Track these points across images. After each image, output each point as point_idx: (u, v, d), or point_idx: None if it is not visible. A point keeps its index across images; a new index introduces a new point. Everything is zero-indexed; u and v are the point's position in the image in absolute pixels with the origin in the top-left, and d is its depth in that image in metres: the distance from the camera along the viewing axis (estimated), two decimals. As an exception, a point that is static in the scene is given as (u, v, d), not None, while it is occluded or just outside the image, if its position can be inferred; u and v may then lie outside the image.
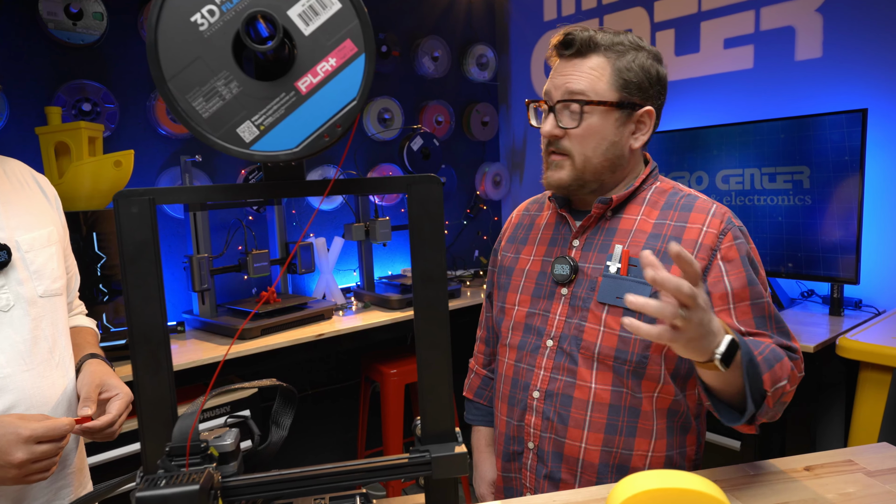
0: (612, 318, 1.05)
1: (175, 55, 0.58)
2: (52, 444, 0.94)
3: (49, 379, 1.05)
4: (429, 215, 0.70)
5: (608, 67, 1.04)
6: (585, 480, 1.07)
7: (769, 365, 0.92)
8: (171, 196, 0.67)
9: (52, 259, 1.09)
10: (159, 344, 0.67)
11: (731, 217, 1.06)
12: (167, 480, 0.61)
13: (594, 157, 1.06)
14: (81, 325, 1.24)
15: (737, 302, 1.01)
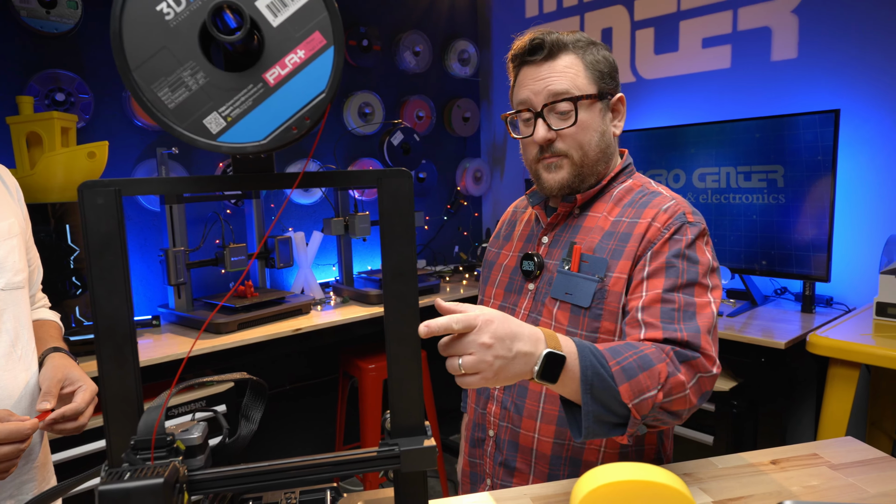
0: (562, 313, 1.06)
1: (140, 45, 0.57)
2: (15, 445, 0.93)
3: (11, 373, 1.03)
4: (399, 210, 0.70)
5: (580, 63, 1.06)
6: (539, 471, 1.08)
7: (629, 375, 0.86)
8: (138, 187, 0.66)
9: (14, 252, 1.07)
10: (125, 337, 0.66)
11: (687, 214, 1.03)
12: (131, 474, 0.61)
13: (590, 150, 1.08)
14: (44, 318, 1.23)
15: (649, 288, 0.98)
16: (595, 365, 0.85)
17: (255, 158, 0.67)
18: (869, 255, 2.13)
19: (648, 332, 0.94)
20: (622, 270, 1.02)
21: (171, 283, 2.23)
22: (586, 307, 1.02)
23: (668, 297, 0.96)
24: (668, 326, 0.94)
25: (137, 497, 0.58)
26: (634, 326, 0.97)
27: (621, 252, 1.03)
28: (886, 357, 1.62)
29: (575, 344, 0.87)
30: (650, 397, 0.86)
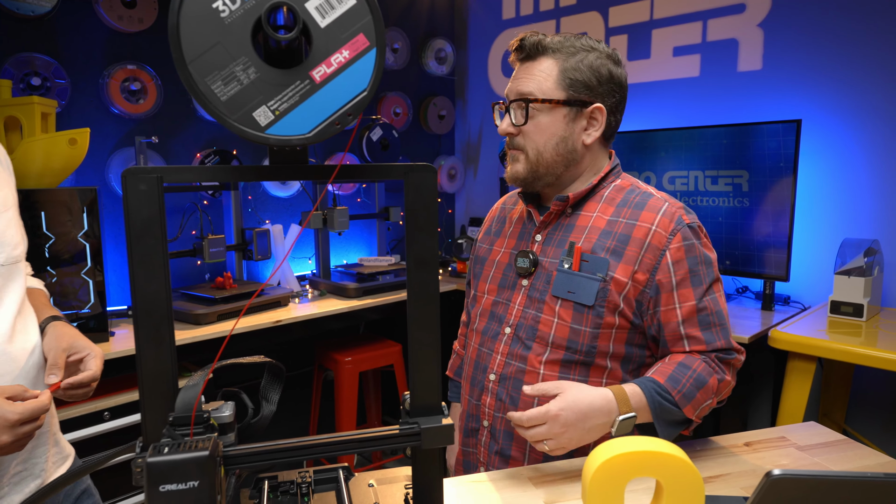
0: (565, 310, 1.11)
1: (196, 40, 0.60)
2: (34, 423, 0.95)
3: (17, 344, 1.04)
4: (424, 202, 0.74)
5: (555, 68, 1.11)
6: (533, 458, 1.14)
7: (689, 398, 1.04)
8: (179, 175, 0.69)
9: (11, 225, 1.07)
10: (162, 318, 0.69)
11: (683, 215, 1.11)
12: (170, 448, 0.64)
13: (545, 151, 1.13)
14: (32, 286, 1.22)
15: (682, 302, 1.08)
16: (661, 402, 1.03)
17: (291, 150, 0.70)
18: (824, 257, 2.28)
19: (692, 345, 1.09)
20: (624, 272, 1.08)
21: (149, 273, 2.21)
22: (590, 305, 1.09)
23: (701, 306, 1.09)
24: (709, 337, 1.09)
25: (184, 468, 0.61)
26: (678, 340, 1.09)
27: (621, 253, 1.09)
28: (840, 351, 1.74)
29: (641, 390, 1.02)
30: (707, 406, 1.08)
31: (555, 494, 0.97)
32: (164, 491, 0.61)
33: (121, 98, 2.35)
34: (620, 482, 0.65)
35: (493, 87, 3.47)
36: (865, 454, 1.09)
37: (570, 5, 3.07)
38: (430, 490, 0.79)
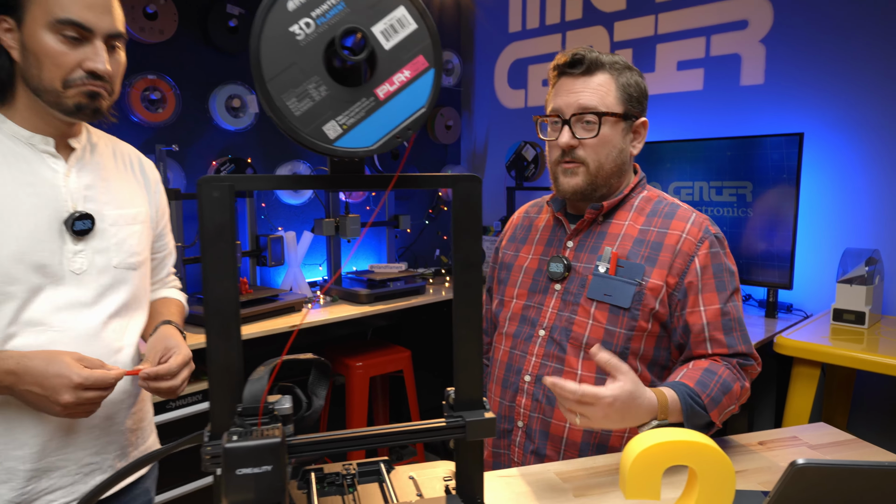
0: (600, 312, 1.18)
1: (274, 60, 0.66)
2: (98, 392, 1.01)
3: (105, 342, 1.11)
4: (469, 210, 0.80)
5: (613, 83, 1.18)
6: (568, 456, 1.19)
7: (716, 402, 1.10)
8: (249, 183, 0.74)
9: (134, 236, 1.17)
10: (231, 316, 0.74)
11: (709, 225, 1.19)
12: (240, 436, 0.69)
13: (606, 163, 1.19)
14: (170, 296, 1.34)
15: (707, 305, 1.15)
16: (692, 405, 1.07)
17: (350, 161, 0.76)
18: (826, 266, 2.34)
19: (715, 347, 1.15)
20: (658, 277, 1.16)
21: (168, 278, 2.26)
22: (626, 308, 1.15)
23: (725, 310, 1.15)
24: (731, 341, 1.15)
25: (259, 453, 0.67)
26: (702, 343, 1.15)
27: (655, 259, 1.17)
28: (844, 357, 1.80)
29: (678, 395, 1.06)
30: (729, 410, 1.14)
31: (582, 489, 1.02)
32: (240, 474, 0.66)
33: (141, 107, 2.41)
34: (658, 469, 0.71)
35: (500, 98, 3.54)
36: (874, 453, 1.15)
37: (575, 20, 3.14)
38: (472, 480, 0.84)
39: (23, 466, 1.05)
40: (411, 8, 0.69)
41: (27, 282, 1.03)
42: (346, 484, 0.92)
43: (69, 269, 1.08)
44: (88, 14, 1.01)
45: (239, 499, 0.66)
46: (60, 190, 1.08)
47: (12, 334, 1.03)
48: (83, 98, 1.03)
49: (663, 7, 2.79)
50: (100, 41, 1.04)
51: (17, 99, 1.06)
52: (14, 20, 1.01)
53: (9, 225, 1.01)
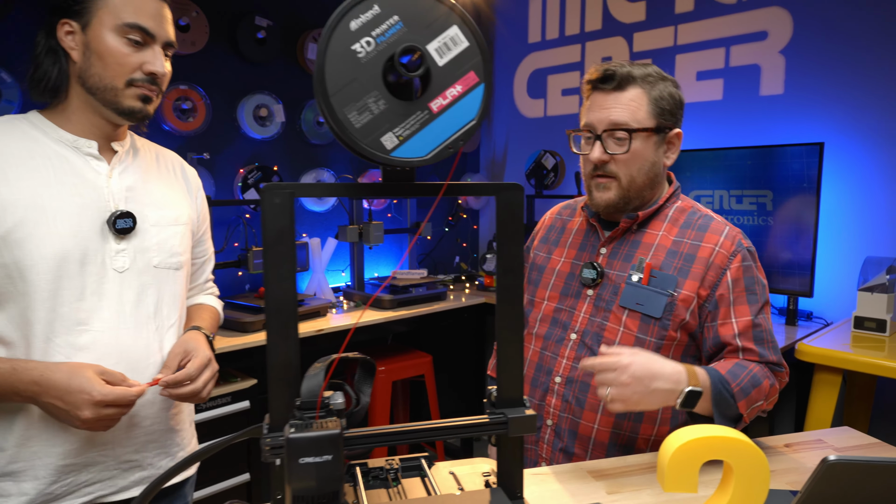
0: (631, 320, 1.21)
1: (337, 76, 0.71)
2: (118, 409, 1.04)
3: (143, 341, 1.15)
4: (512, 217, 0.84)
5: (645, 98, 1.19)
6: (595, 456, 1.23)
7: (745, 393, 1.12)
8: (308, 191, 0.79)
9: (175, 237, 1.21)
10: (290, 315, 0.79)
11: (742, 239, 1.21)
12: (299, 428, 0.73)
13: (638, 177, 1.22)
14: (206, 303, 1.38)
15: (738, 317, 1.18)
16: (722, 391, 1.10)
17: (402, 170, 0.81)
18: (846, 275, 2.36)
19: (746, 356, 1.18)
20: (690, 289, 1.18)
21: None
22: (658, 317, 1.18)
23: (756, 322, 1.18)
24: (763, 351, 1.18)
25: (320, 443, 0.71)
26: (734, 352, 1.18)
27: (688, 271, 1.19)
28: (866, 364, 1.82)
29: (708, 375, 1.09)
30: (757, 406, 1.16)
31: (615, 486, 1.06)
32: (303, 463, 0.70)
33: (172, 116, 2.48)
34: (695, 464, 0.74)
35: (519, 107, 3.59)
36: (899, 455, 1.17)
37: (595, 30, 3.19)
38: (513, 475, 0.88)
39: (61, 462, 1.09)
40: (464, 27, 0.74)
41: (72, 280, 1.07)
42: (390, 478, 0.96)
43: (112, 268, 1.11)
44: (152, 21, 1.10)
45: (301, 486, 0.70)
46: (103, 190, 1.12)
47: (54, 333, 1.06)
48: (137, 101, 1.11)
49: (683, 18, 2.83)
50: (159, 47, 1.12)
51: (69, 100, 1.11)
52: (78, 23, 1.08)
53: (55, 224, 1.06)
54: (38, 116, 1.13)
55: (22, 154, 1.07)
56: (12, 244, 1.03)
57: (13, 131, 1.09)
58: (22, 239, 1.03)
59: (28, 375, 1.01)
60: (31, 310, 1.05)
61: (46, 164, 1.09)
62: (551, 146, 3.34)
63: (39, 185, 1.06)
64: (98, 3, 1.07)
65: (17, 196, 1.04)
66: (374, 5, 0.71)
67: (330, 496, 0.72)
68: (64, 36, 1.09)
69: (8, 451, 1.07)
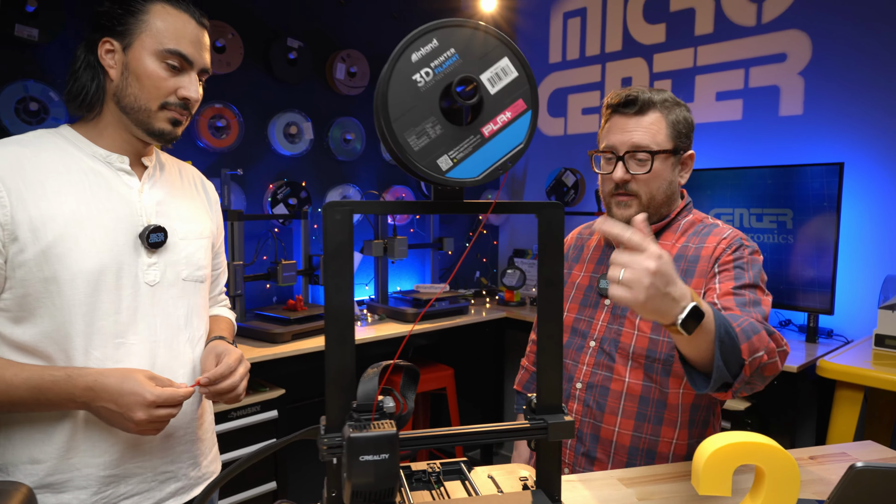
0: (644, 323, 1.28)
1: (399, 103, 0.77)
2: (169, 409, 1.06)
3: (175, 352, 1.18)
4: (553, 233, 0.90)
5: (663, 122, 1.27)
6: (617, 460, 1.28)
7: (747, 336, 1.02)
8: (365, 208, 0.85)
9: (201, 250, 1.25)
10: (347, 323, 0.84)
11: (742, 238, 1.28)
12: (356, 429, 0.79)
13: (658, 195, 1.29)
14: (221, 314, 1.41)
15: (721, 285, 1.19)
16: (725, 325, 0.99)
17: (452, 190, 0.87)
18: (867, 293, 2.38)
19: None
20: (696, 287, 1.25)
21: (231, 293, 2.39)
22: None
23: (737, 292, 1.17)
24: (745, 311, 1.13)
25: (379, 443, 0.76)
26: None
27: (693, 271, 1.26)
28: (887, 381, 1.85)
29: (709, 306, 0.98)
30: (758, 357, 1.02)
31: (645, 493, 1.10)
32: (363, 460, 0.76)
33: (208, 133, 2.57)
34: (729, 468, 0.79)
35: (539, 126, 3.66)
36: (923, 469, 1.20)
37: (615, 51, 3.26)
38: (551, 479, 0.93)
39: (102, 472, 1.11)
40: (514, 59, 0.80)
41: (109, 293, 1.10)
42: (433, 480, 1.01)
43: (144, 281, 1.14)
44: (191, 48, 1.13)
45: (360, 482, 0.76)
46: (135, 205, 1.15)
47: (92, 346, 1.09)
48: (167, 124, 1.14)
49: (702, 40, 2.89)
50: (195, 73, 1.15)
51: (103, 116, 1.14)
52: (120, 43, 1.10)
53: (92, 239, 1.08)
54: (71, 131, 1.15)
55: (59, 168, 1.09)
56: (53, 258, 1.05)
57: (49, 146, 1.11)
58: (62, 253, 1.05)
59: (83, 381, 1.03)
60: (70, 324, 1.07)
61: (82, 179, 1.10)
62: (571, 164, 3.40)
63: (77, 200, 1.08)
64: (141, 25, 1.10)
65: (56, 211, 1.06)
66: (433, 39, 0.78)
67: (386, 492, 0.77)
68: (104, 54, 1.11)
69: (48, 463, 1.09)
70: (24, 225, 1.03)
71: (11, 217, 1.03)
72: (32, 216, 1.04)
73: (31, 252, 1.04)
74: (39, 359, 1.07)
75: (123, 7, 1.10)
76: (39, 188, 1.06)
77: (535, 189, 3.71)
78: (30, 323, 1.06)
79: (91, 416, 1.10)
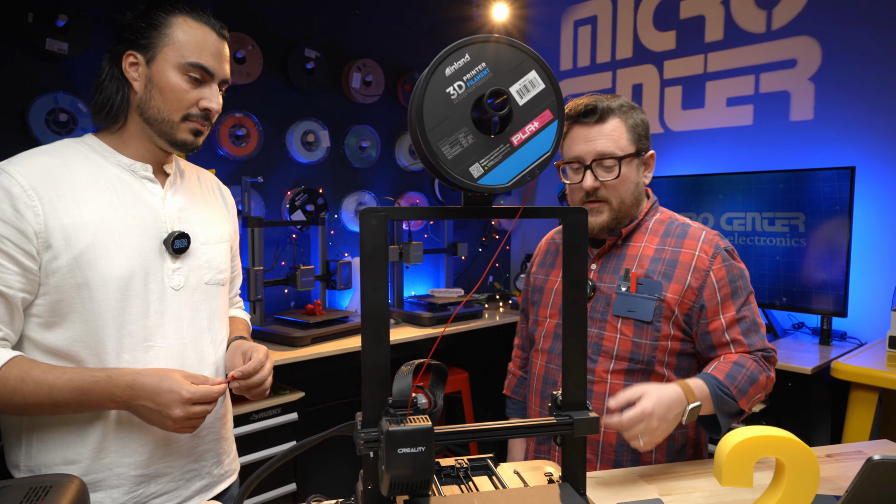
0: (626, 327, 1.32)
1: (433, 115, 0.82)
2: (205, 406, 1.09)
3: (201, 354, 1.22)
4: (577, 237, 0.94)
5: (623, 127, 1.32)
6: (605, 458, 1.33)
7: (744, 393, 1.23)
8: (400, 214, 0.90)
9: (221, 254, 1.28)
10: (382, 322, 0.89)
11: (719, 241, 1.33)
12: (392, 423, 0.83)
13: (626, 198, 1.35)
14: (237, 315, 1.45)
15: (725, 312, 1.30)
16: (722, 396, 1.20)
17: (481, 196, 0.91)
18: (880, 296, 2.40)
19: (737, 348, 1.29)
20: (675, 291, 1.30)
21: (251, 298, 2.44)
22: (649, 321, 1.30)
23: (741, 316, 1.30)
24: (751, 341, 1.29)
25: (416, 436, 0.80)
26: (725, 345, 1.28)
27: (671, 275, 1.31)
28: (902, 382, 1.87)
29: (704, 383, 1.19)
30: (756, 398, 1.26)
31: (666, 489, 1.13)
32: (401, 453, 0.80)
33: (228, 142, 2.63)
34: (751, 460, 0.82)
35: (550, 132, 3.69)
36: (937, 466, 1.23)
37: (626, 58, 3.30)
38: (576, 473, 0.97)
39: (133, 472, 1.14)
40: (541, 72, 0.84)
41: (138, 298, 1.14)
42: (461, 475, 1.05)
43: (169, 286, 1.17)
44: (212, 60, 1.16)
45: (399, 473, 0.80)
46: (159, 212, 1.18)
47: (123, 349, 1.12)
48: (189, 135, 1.17)
49: (712, 47, 2.92)
50: (216, 84, 1.18)
51: (127, 126, 1.16)
52: (143, 57, 1.13)
53: (122, 245, 1.11)
54: (96, 140, 1.17)
55: (87, 178, 1.12)
56: (84, 265, 1.08)
57: (77, 156, 1.14)
58: (94, 260, 1.08)
59: (123, 381, 1.07)
60: (102, 328, 1.10)
61: (109, 187, 1.13)
62: (583, 169, 3.44)
63: (105, 208, 1.11)
64: (164, 39, 1.12)
65: (87, 219, 1.09)
66: (466, 54, 0.82)
67: (422, 484, 0.82)
68: (128, 67, 1.14)
69: (82, 464, 1.12)
70: (56, 233, 1.06)
71: (45, 225, 1.06)
72: (65, 224, 1.07)
73: (64, 259, 1.07)
74: (72, 363, 1.10)
75: (146, 20, 1.13)
76: (70, 197, 1.09)
77: (547, 193, 3.75)
78: (61, 328, 1.10)
79: (122, 418, 1.13)
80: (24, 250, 1.05)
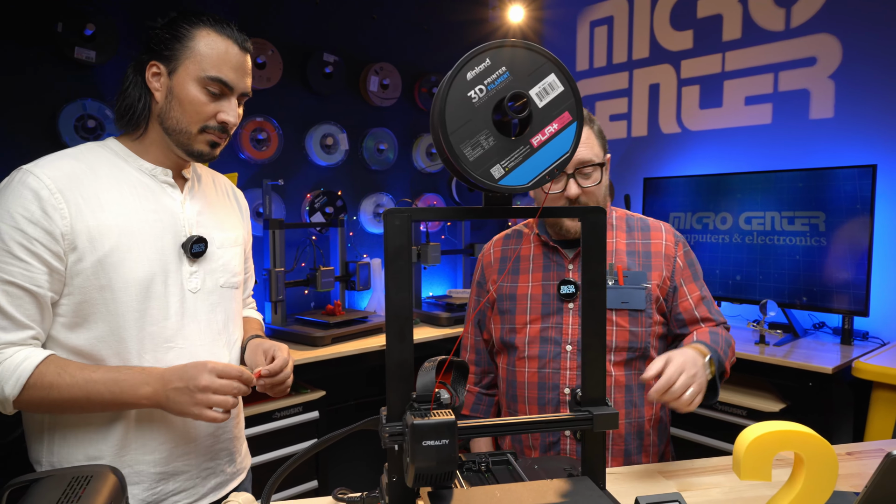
0: (621, 318, 1.38)
1: (455, 117, 0.84)
2: (229, 382, 1.08)
3: (217, 356, 1.25)
4: (596, 237, 0.96)
5: (593, 135, 1.39)
6: (616, 450, 1.37)
7: (726, 355, 1.35)
8: (423, 214, 0.92)
9: (236, 258, 1.31)
10: (406, 320, 0.91)
11: (675, 231, 1.49)
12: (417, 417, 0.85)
13: (602, 201, 1.42)
14: (251, 316, 1.49)
15: (691, 292, 1.44)
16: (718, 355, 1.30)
17: (501, 196, 0.93)
18: (902, 295, 2.38)
19: (706, 323, 1.43)
20: (657, 279, 1.41)
21: (272, 299, 2.49)
22: (643, 309, 1.38)
23: (703, 294, 1.45)
24: (716, 317, 1.44)
25: (439, 429, 0.83)
26: (696, 322, 1.43)
27: (650, 266, 1.43)
28: (925, 382, 1.85)
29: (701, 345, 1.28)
30: (731, 361, 1.39)
31: (684, 485, 1.15)
32: (425, 445, 0.82)
33: (249, 146, 2.68)
34: (769, 454, 0.84)
35: (567, 132, 3.70)
36: (960, 464, 1.22)
37: (642, 58, 3.30)
38: (596, 467, 0.98)
39: (153, 469, 1.17)
40: (560, 75, 0.86)
41: (158, 300, 1.17)
42: (483, 469, 1.07)
43: (187, 289, 1.20)
44: (233, 75, 1.17)
45: (424, 465, 0.82)
46: (178, 216, 1.20)
47: (144, 350, 1.14)
48: (206, 146, 1.19)
49: (730, 46, 2.92)
50: (235, 98, 1.20)
51: (148, 133, 1.19)
52: (166, 67, 1.15)
53: (142, 249, 1.14)
54: (118, 144, 1.20)
55: (111, 181, 1.15)
56: (108, 267, 1.10)
57: (101, 160, 1.16)
58: (117, 262, 1.11)
59: (155, 372, 1.10)
60: (124, 328, 1.12)
61: (132, 191, 1.16)
62: (600, 170, 3.44)
63: (128, 211, 1.14)
64: (186, 52, 1.14)
65: (111, 222, 1.11)
66: (486, 59, 0.85)
67: (446, 476, 0.84)
68: (151, 76, 1.16)
69: (104, 460, 1.15)
70: (82, 235, 1.09)
71: (71, 227, 1.08)
72: (90, 226, 1.10)
73: (89, 261, 1.09)
74: (95, 363, 1.13)
75: (171, 32, 1.15)
76: (95, 200, 1.11)
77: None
78: (84, 328, 1.12)
79: (143, 416, 1.16)
80: (52, 251, 1.08)
